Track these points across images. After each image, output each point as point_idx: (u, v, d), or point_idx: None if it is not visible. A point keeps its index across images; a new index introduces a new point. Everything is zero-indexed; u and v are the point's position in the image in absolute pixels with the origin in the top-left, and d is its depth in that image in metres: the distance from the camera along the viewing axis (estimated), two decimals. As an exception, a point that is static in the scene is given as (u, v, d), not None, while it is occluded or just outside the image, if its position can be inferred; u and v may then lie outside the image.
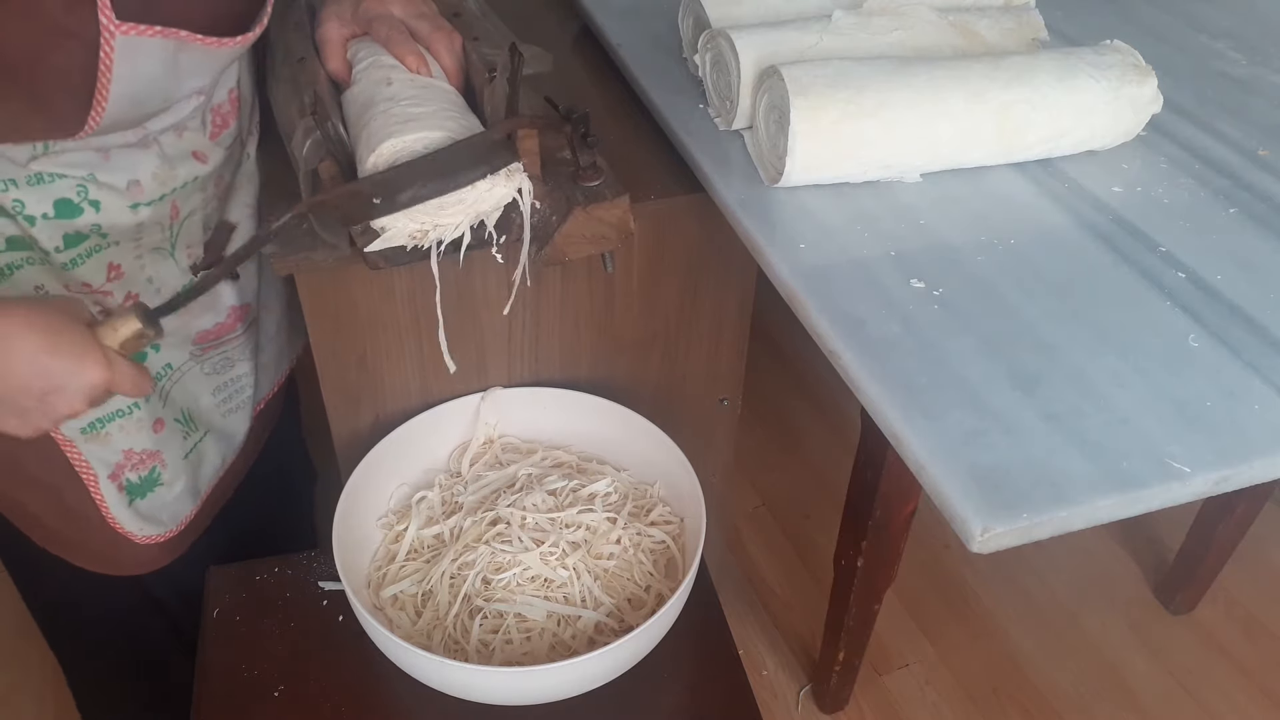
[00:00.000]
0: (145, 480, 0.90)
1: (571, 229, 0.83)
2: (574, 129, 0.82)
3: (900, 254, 0.78)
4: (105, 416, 0.85)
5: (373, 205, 0.75)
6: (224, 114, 0.85)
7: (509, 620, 0.86)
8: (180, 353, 0.91)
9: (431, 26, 0.88)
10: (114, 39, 0.63)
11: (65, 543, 0.91)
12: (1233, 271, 0.76)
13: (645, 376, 1.08)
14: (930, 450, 0.62)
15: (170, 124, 0.79)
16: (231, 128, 0.86)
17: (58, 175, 0.75)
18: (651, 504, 0.97)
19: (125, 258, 0.82)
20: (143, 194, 0.80)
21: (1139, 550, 1.63)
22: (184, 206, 0.85)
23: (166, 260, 0.86)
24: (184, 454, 0.93)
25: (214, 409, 0.97)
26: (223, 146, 0.86)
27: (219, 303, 0.93)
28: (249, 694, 0.88)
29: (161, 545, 0.94)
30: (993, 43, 0.96)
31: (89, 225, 0.78)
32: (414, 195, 0.76)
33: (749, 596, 1.56)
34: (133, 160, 0.78)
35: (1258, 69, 1.05)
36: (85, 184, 0.76)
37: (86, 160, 0.75)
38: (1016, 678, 1.45)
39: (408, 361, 0.98)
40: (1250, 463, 0.62)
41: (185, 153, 0.82)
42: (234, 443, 1.00)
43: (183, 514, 0.95)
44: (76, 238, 0.78)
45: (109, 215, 0.78)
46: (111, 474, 0.87)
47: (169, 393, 0.91)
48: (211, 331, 0.93)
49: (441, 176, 0.76)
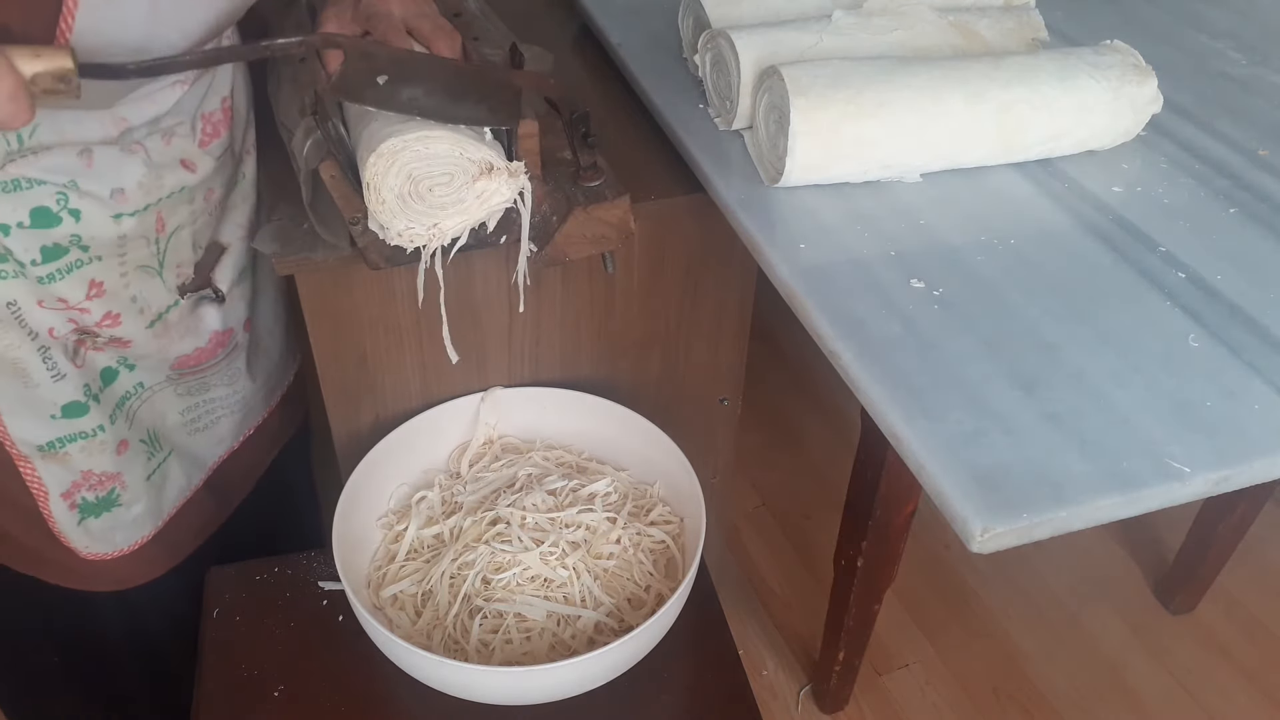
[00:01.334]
0: (102, 500, 0.88)
1: (572, 229, 0.83)
2: (574, 129, 0.82)
3: (900, 254, 0.78)
4: (66, 437, 0.83)
5: (376, 84, 0.73)
6: (215, 122, 0.83)
7: (509, 620, 0.86)
8: (156, 375, 0.89)
9: (432, 26, 0.88)
10: None
11: (38, 560, 0.90)
12: (1233, 271, 0.76)
13: (645, 376, 1.08)
14: (930, 450, 0.62)
15: (152, 116, 0.76)
16: (223, 137, 0.84)
17: (36, 181, 0.72)
18: (651, 504, 0.97)
19: (109, 274, 0.80)
20: (126, 203, 0.77)
21: (1139, 550, 1.63)
22: (170, 219, 0.82)
23: (154, 279, 0.84)
24: (146, 475, 0.92)
25: (180, 428, 0.94)
26: (212, 156, 0.84)
27: (201, 326, 0.90)
28: (249, 694, 0.88)
29: (114, 562, 0.92)
30: (993, 43, 0.96)
31: (68, 236, 0.75)
32: (414, 98, 0.74)
33: (749, 596, 1.56)
34: (117, 166, 0.75)
35: (1258, 69, 1.05)
36: (66, 191, 0.73)
37: (68, 165, 0.73)
38: (1016, 678, 1.45)
39: (408, 362, 0.98)
40: (1250, 463, 0.62)
41: (173, 160, 0.80)
42: (202, 463, 0.98)
43: (140, 535, 0.93)
44: (56, 251, 0.75)
45: (89, 226, 0.76)
46: (65, 492, 0.86)
47: (136, 412, 0.89)
48: (191, 357, 0.91)
49: (446, 94, 0.75)
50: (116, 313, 0.82)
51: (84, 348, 0.82)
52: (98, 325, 0.81)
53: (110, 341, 0.83)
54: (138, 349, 0.85)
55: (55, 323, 0.79)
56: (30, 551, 0.90)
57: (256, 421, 1.04)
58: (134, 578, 0.94)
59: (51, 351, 0.80)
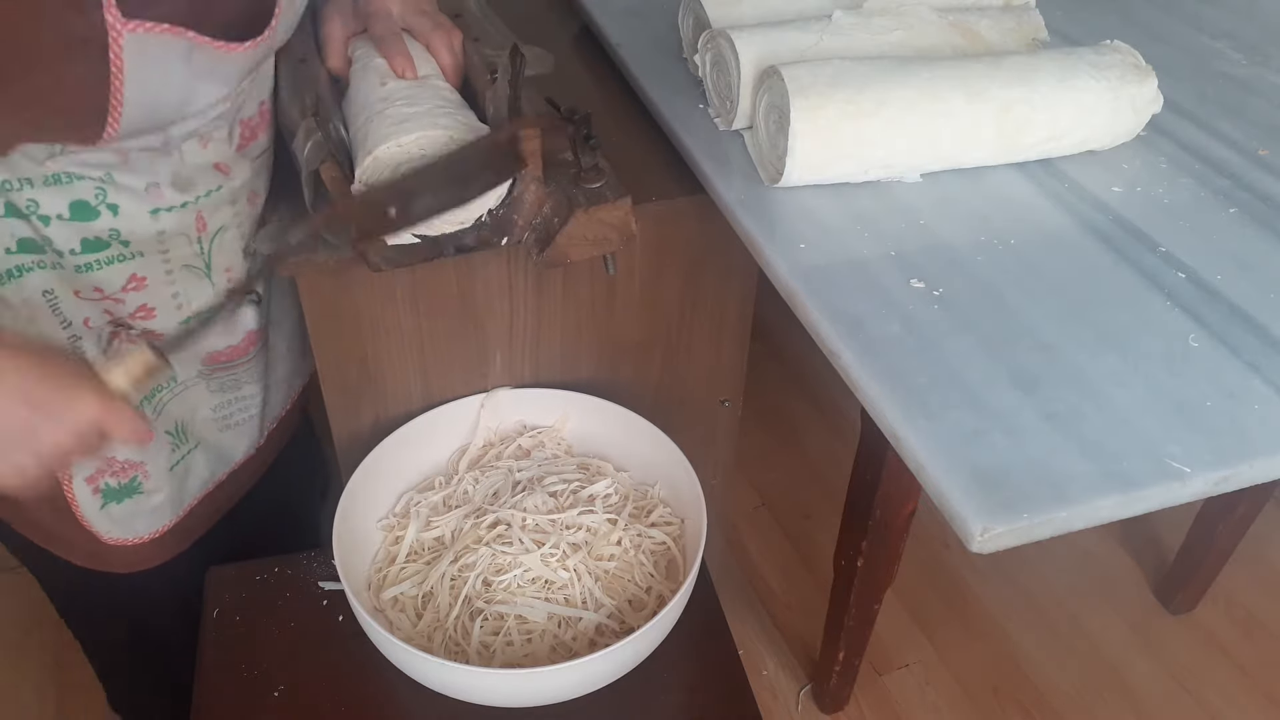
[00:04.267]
0: (125, 487, 0.89)
1: (573, 230, 0.83)
2: (576, 130, 0.82)
3: (900, 254, 0.78)
4: None
5: (388, 218, 0.74)
6: (253, 126, 0.83)
7: (510, 622, 0.86)
8: (189, 369, 0.90)
9: (431, 24, 0.88)
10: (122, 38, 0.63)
11: (57, 539, 0.91)
12: (1233, 271, 0.76)
13: (646, 377, 1.08)
14: (930, 450, 0.62)
15: (193, 129, 0.77)
16: (260, 140, 0.85)
17: (75, 176, 0.74)
18: (652, 505, 0.97)
19: (152, 271, 0.81)
20: (162, 199, 0.78)
21: (1139, 550, 1.63)
22: (211, 220, 0.83)
23: (202, 280, 0.85)
24: (170, 465, 0.92)
25: (211, 423, 0.95)
26: (249, 159, 0.84)
27: (237, 326, 0.92)
28: (249, 694, 0.88)
29: (135, 548, 0.93)
30: (993, 43, 0.96)
31: (107, 230, 0.77)
32: (428, 205, 0.76)
33: (749, 596, 1.56)
34: (151, 163, 0.77)
35: (1258, 69, 1.05)
36: (103, 185, 0.75)
37: (104, 160, 0.74)
38: (1016, 678, 1.45)
39: (409, 363, 0.98)
40: (1250, 463, 0.62)
41: (208, 163, 0.80)
42: (228, 458, 0.99)
43: (161, 523, 0.94)
44: (96, 244, 0.77)
45: (127, 220, 0.77)
46: (89, 477, 0.87)
47: (166, 405, 0.90)
48: (223, 354, 0.92)
49: (453, 183, 0.76)
50: (152, 306, 0.83)
51: (118, 339, 0.83)
52: (131, 316, 0.82)
53: (143, 334, 0.84)
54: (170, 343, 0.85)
55: (91, 313, 0.80)
56: (52, 532, 0.91)
57: (278, 417, 1.04)
58: (147, 560, 0.95)
59: (83, 342, 0.81)
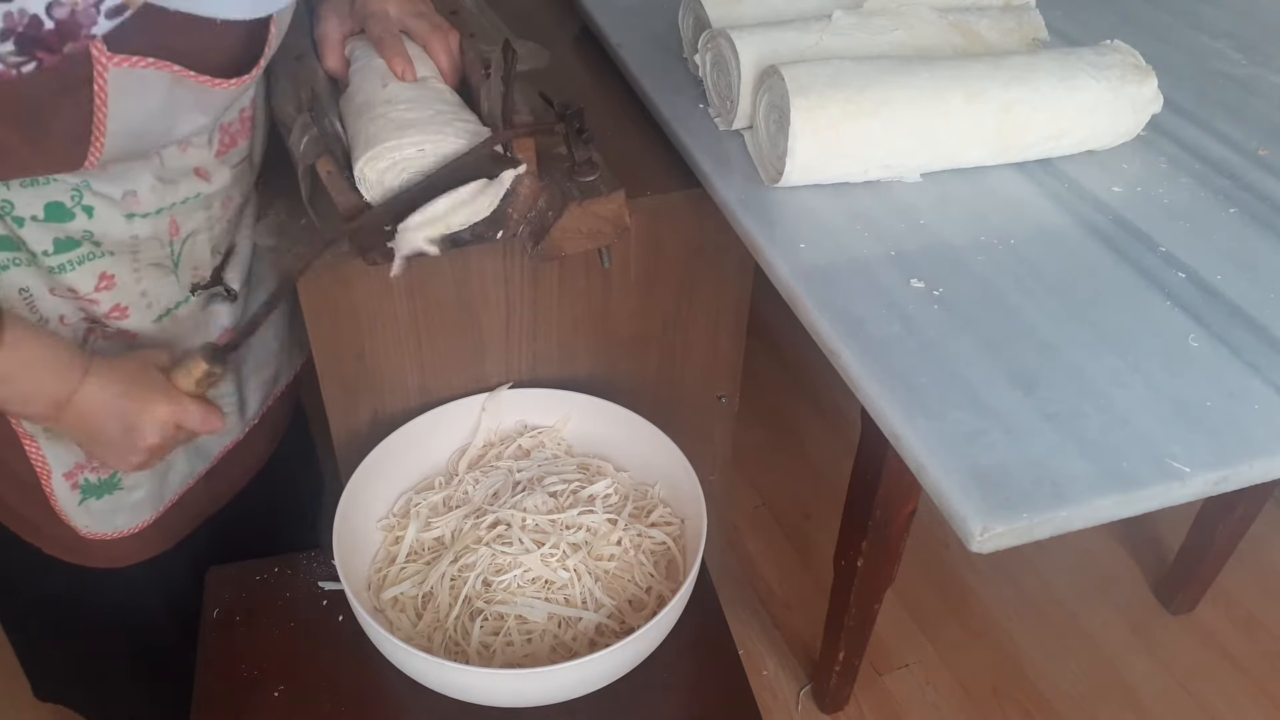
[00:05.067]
0: (104, 483, 0.89)
1: (567, 224, 0.83)
2: (569, 125, 0.82)
3: (900, 254, 0.78)
4: None
5: (386, 234, 0.77)
6: (233, 132, 0.83)
7: (510, 622, 0.86)
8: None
9: (428, 25, 0.88)
10: (106, 72, 0.63)
11: (40, 533, 0.91)
12: (1233, 271, 0.76)
13: (643, 373, 1.08)
14: (930, 450, 0.62)
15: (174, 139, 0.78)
16: (240, 146, 0.85)
17: (52, 178, 0.73)
18: (652, 505, 0.97)
19: (120, 269, 0.81)
20: (139, 205, 0.78)
21: (1139, 550, 1.63)
22: (185, 224, 0.83)
23: (168, 276, 0.85)
24: None
25: None
26: (229, 165, 0.84)
27: (212, 323, 0.91)
28: (249, 694, 0.88)
29: (115, 542, 0.93)
30: (993, 43, 0.96)
31: (80, 231, 0.77)
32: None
33: (749, 596, 1.56)
34: (130, 172, 0.77)
35: (1258, 69, 1.05)
36: (79, 189, 0.75)
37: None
38: (1016, 677, 1.45)
39: (406, 356, 0.98)
40: (1250, 463, 0.62)
41: (188, 169, 0.80)
42: (206, 454, 0.99)
43: (141, 518, 0.94)
44: (68, 243, 0.77)
45: (101, 223, 0.77)
46: (68, 473, 0.87)
47: None
48: None
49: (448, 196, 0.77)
50: (125, 305, 0.83)
51: (93, 336, 0.83)
52: (106, 316, 0.82)
53: (118, 333, 0.84)
54: (144, 341, 0.85)
55: (66, 310, 0.80)
56: (31, 524, 0.91)
57: (259, 414, 1.04)
58: (128, 557, 0.95)
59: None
